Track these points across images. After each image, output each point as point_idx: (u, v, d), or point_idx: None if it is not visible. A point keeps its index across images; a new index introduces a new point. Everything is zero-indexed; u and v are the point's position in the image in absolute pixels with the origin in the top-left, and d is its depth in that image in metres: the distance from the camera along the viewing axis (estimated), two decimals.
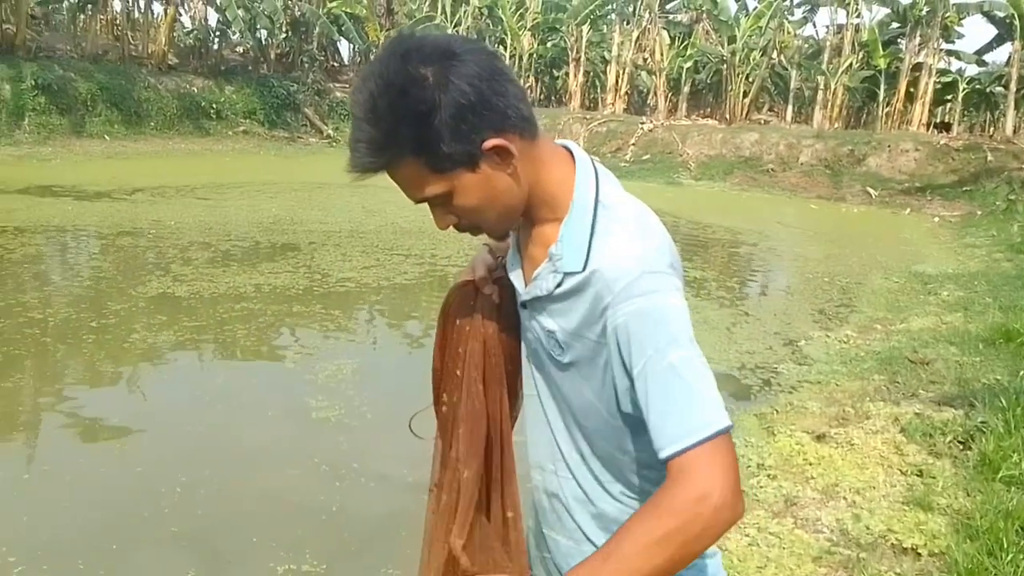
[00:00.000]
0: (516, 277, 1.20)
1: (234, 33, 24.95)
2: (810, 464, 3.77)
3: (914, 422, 4.23)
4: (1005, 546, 2.83)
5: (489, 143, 1.04)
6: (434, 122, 1.01)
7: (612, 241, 1.07)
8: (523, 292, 1.17)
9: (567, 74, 29.29)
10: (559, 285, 1.10)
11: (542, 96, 31.76)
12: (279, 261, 7.87)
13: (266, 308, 6.23)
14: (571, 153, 1.17)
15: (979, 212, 15.99)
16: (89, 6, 23.05)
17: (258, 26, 24.70)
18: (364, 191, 12.86)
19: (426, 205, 1.13)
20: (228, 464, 3.77)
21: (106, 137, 18.80)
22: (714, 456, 0.95)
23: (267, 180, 14.70)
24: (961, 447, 3.93)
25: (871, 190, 18.44)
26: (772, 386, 5.17)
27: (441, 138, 1.02)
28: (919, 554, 2.93)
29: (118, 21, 23.85)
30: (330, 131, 24.48)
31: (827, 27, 25.51)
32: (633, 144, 22.72)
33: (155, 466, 3.64)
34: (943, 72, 24.32)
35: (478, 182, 1.06)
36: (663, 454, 0.98)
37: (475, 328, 1.23)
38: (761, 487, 3.55)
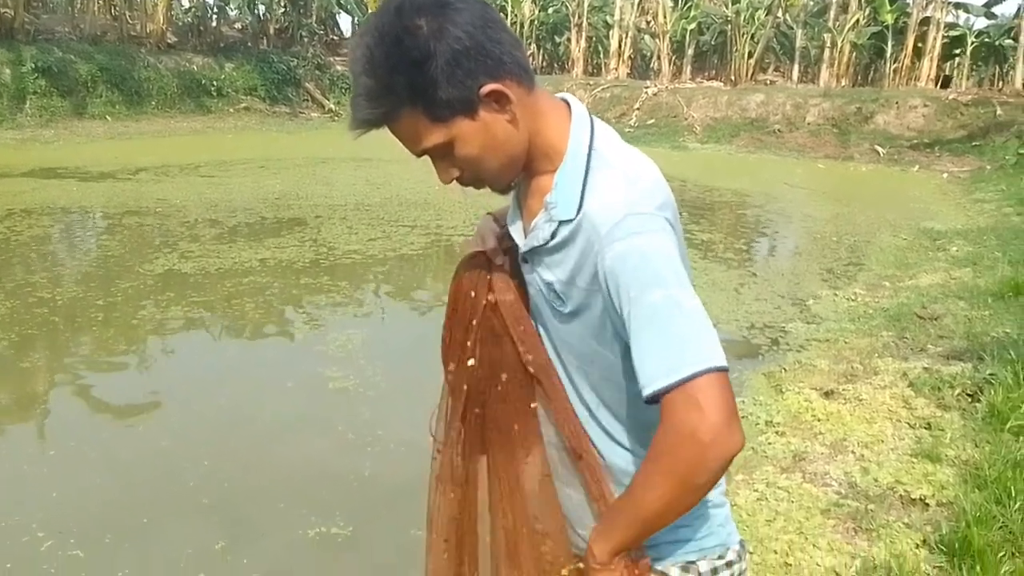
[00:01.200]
0: (516, 231, 1.20)
1: (232, 9, 24.77)
2: (818, 420, 3.79)
3: (922, 376, 4.23)
4: (1013, 494, 2.83)
5: (486, 88, 1.04)
6: (430, 69, 1.01)
7: (602, 187, 1.07)
8: (522, 245, 1.17)
9: (569, 40, 28.96)
10: (554, 235, 1.10)
11: (544, 63, 31.44)
12: (285, 236, 7.88)
13: (273, 282, 6.26)
14: (568, 105, 1.16)
15: (988, 167, 15.81)
16: None
17: (256, 1, 24.47)
18: (368, 165, 12.81)
19: (429, 164, 1.12)
20: (252, 436, 3.78)
21: (108, 118, 18.75)
22: (698, 394, 0.95)
23: (270, 156, 14.66)
24: (970, 400, 3.92)
25: (879, 148, 18.25)
26: (780, 345, 5.16)
27: (437, 85, 1.02)
28: (927, 504, 2.95)
29: (116, 1, 23.66)
30: (332, 105, 24.35)
31: None
32: (637, 109, 22.53)
33: (179, 441, 3.67)
34: (951, 26, 23.90)
35: (477, 130, 1.06)
36: (644, 392, 0.99)
37: (489, 298, 1.23)
38: (770, 444, 3.56)
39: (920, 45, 22.48)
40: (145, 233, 8.01)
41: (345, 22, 31.66)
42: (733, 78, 24.67)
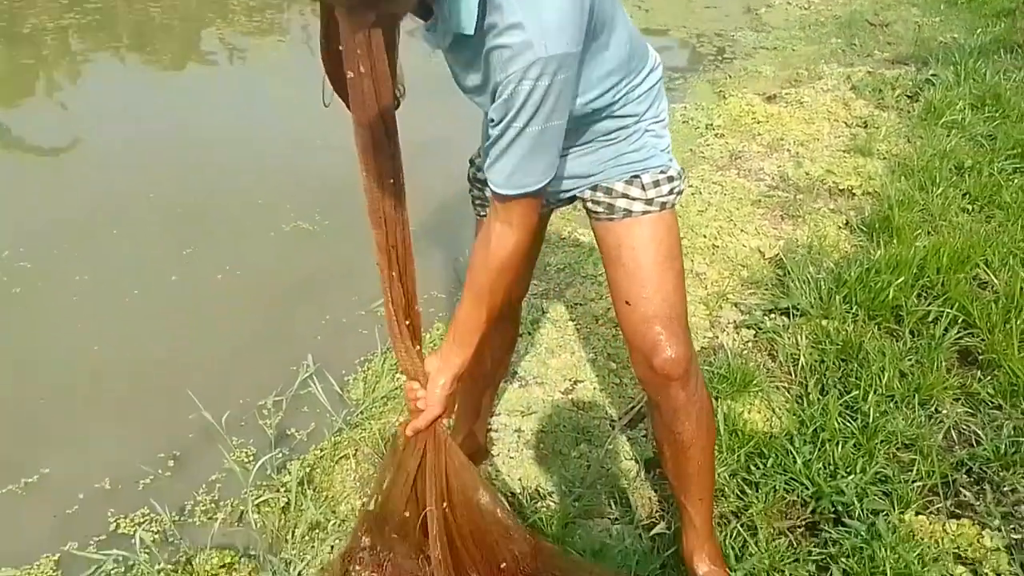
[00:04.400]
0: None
1: None
2: (758, 122, 3.75)
3: (865, 79, 4.17)
4: (937, 181, 2.91)
5: None
6: None
7: (507, 7, 0.99)
8: (419, 26, 1.13)
9: None
10: (451, 43, 1.09)
11: None
12: None
13: None
14: None
15: None
16: None
17: None
18: None
19: None
20: (218, 146, 3.51)
21: None
22: (527, 209, 1.15)
23: None
24: (909, 100, 3.92)
25: None
26: (727, 53, 4.97)
27: None
28: (854, 193, 3.02)
29: None
30: None
31: None
32: None
33: (137, 158, 3.41)
34: None
35: None
36: (494, 186, 1.13)
37: None
38: (708, 145, 3.54)
39: None
40: None
41: None
42: None
